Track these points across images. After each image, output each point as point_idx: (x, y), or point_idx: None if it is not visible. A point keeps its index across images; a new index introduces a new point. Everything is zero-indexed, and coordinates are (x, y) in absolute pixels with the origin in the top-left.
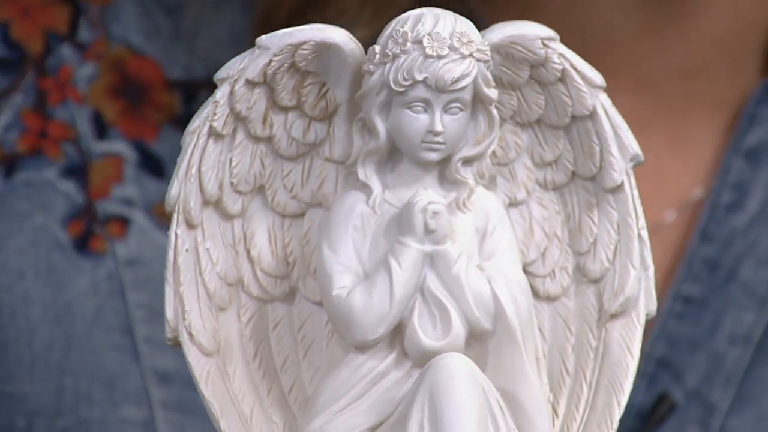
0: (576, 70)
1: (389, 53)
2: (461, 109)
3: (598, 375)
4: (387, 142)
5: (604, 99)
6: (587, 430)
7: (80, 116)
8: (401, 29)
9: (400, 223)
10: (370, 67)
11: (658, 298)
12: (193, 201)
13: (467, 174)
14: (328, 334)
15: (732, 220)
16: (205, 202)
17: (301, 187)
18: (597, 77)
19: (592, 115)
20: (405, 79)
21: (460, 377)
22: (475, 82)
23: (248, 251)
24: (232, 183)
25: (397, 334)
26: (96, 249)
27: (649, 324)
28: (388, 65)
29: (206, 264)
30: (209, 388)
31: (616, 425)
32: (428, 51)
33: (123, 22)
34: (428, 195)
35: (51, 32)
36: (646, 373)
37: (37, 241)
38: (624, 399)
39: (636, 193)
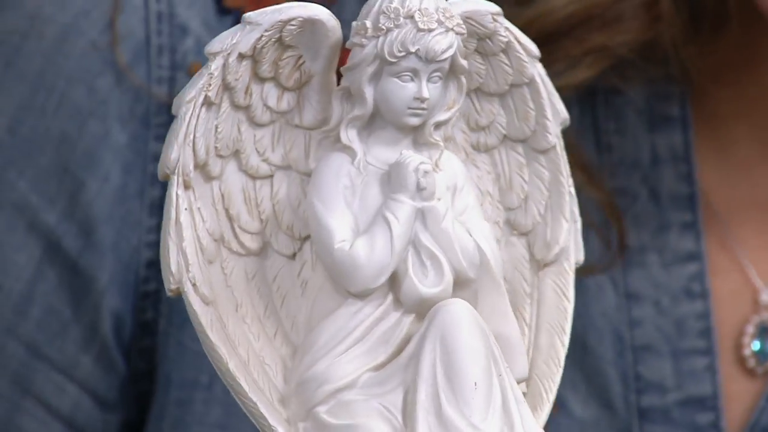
0: (519, 41)
1: (382, 27)
2: (440, 78)
3: (537, 318)
4: (372, 109)
5: (540, 68)
6: (536, 367)
7: None
8: (392, 5)
9: (392, 182)
10: (362, 40)
11: None
12: (188, 165)
13: (438, 137)
14: (301, 285)
15: None
16: (195, 166)
17: (272, 151)
18: (535, 48)
19: (531, 83)
20: (399, 51)
21: (467, 321)
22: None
23: (227, 210)
24: (216, 148)
25: (390, 282)
26: None
27: None
28: (381, 38)
29: (199, 222)
30: (215, 334)
31: (563, 363)
32: (420, 25)
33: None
34: (416, 156)
35: None
36: None
37: None
38: (566, 340)
39: (565, 153)
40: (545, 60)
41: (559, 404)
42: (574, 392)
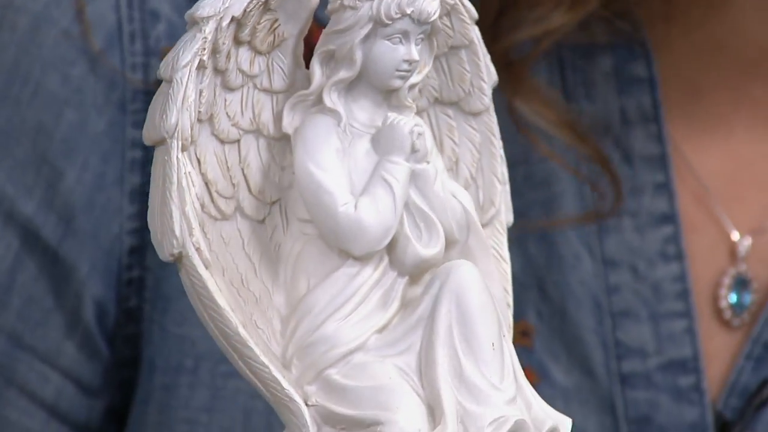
0: (463, 4)
1: None
2: (422, 40)
3: None
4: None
5: (477, 31)
6: None
7: None
8: None
9: (385, 144)
10: (356, 2)
11: (761, 285)
12: (186, 129)
13: (412, 99)
14: (275, 249)
15: None
16: (191, 129)
17: (241, 115)
18: (474, 11)
19: (470, 45)
20: (396, 13)
21: (479, 282)
22: None
23: (204, 174)
24: (199, 112)
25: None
26: None
27: (757, 313)
28: (376, 1)
29: (191, 186)
30: (222, 298)
31: (511, 327)
32: None
33: None
34: (408, 118)
35: None
36: (752, 356)
37: None
38: (510, 300)
39: (495, 116)
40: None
41: (542, 375)
42: (556, 362)
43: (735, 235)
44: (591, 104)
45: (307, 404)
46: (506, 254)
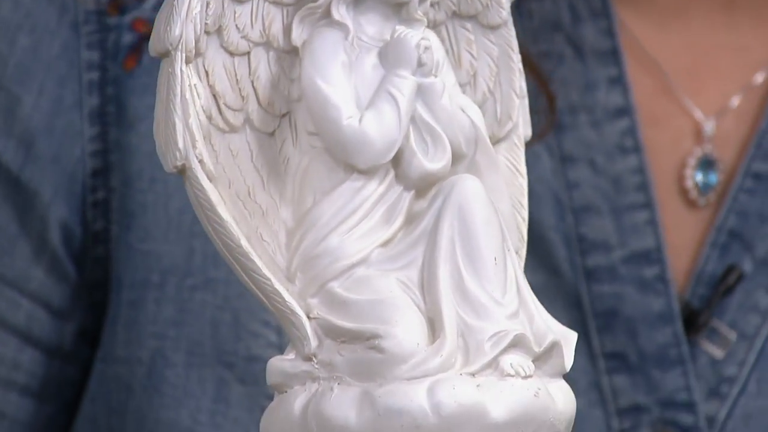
0: None
1: None
2: None
3: None
4: None
5: None
6: None
7: None
8: None
9: (392, 58)
10: None
11: (731, 175)
12: (191, 40)
13: (422, 13)
14: (283, 162)
15: None
16: (195, 41)
17: (251, 27)
18: None
19: None
20: None
21: (483, 197)
22: None
23: (212, 86)
24: (206, 24)
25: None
26: None
27: (722, 198)
28: None
29: (196, 99)
30: (225, 211)
31: (525, 238)
32: None
33: None
34: (415, 32)
35: None
36: (717, 244)
37: None
38: (525, 214)
39: (514, 29)
40: None
41: None
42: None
43: (699, 116)
44: (540, 3)
45: (309, 317)
46: (523, 169)
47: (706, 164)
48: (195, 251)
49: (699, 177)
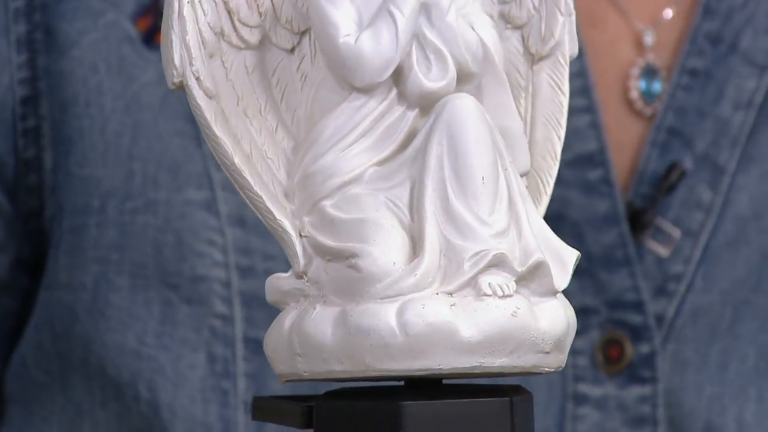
0: None
1: None
2: None
3: (533, 111)
4: None
5: None
6: (533, 161)
7: None
8: None
9: None
10: None
11: (668, 74)
12: None
13: None
14: (301, 79)
15: None
16: None
17: None
18: None
19: None
20: None
21: (475, 115)
22: None
23: (226, 3)
24: None
25: (395, 77)
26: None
27: (660, 97)
28: None
29: (200, 15)
30: (218, 128)
31: (559, 156)
32: None
33: None
34: None
35: None
36: (657, 143)
37: (108, 36)
38: (562, 133)
39: None
40: None
41: None
42: None
43: (640, 26)
44: None
45: (301, 235)
46: (566, 87)
47: (649, 73)
48: (134, 174)
49: (643, 86)
